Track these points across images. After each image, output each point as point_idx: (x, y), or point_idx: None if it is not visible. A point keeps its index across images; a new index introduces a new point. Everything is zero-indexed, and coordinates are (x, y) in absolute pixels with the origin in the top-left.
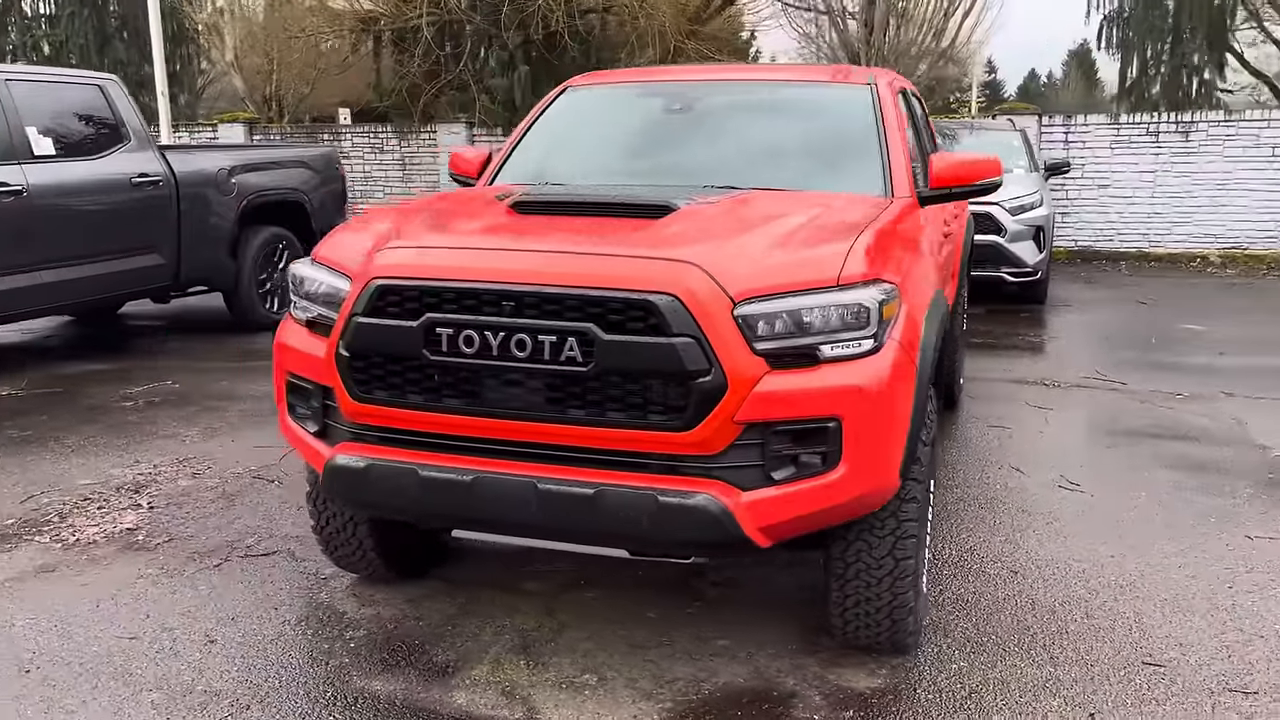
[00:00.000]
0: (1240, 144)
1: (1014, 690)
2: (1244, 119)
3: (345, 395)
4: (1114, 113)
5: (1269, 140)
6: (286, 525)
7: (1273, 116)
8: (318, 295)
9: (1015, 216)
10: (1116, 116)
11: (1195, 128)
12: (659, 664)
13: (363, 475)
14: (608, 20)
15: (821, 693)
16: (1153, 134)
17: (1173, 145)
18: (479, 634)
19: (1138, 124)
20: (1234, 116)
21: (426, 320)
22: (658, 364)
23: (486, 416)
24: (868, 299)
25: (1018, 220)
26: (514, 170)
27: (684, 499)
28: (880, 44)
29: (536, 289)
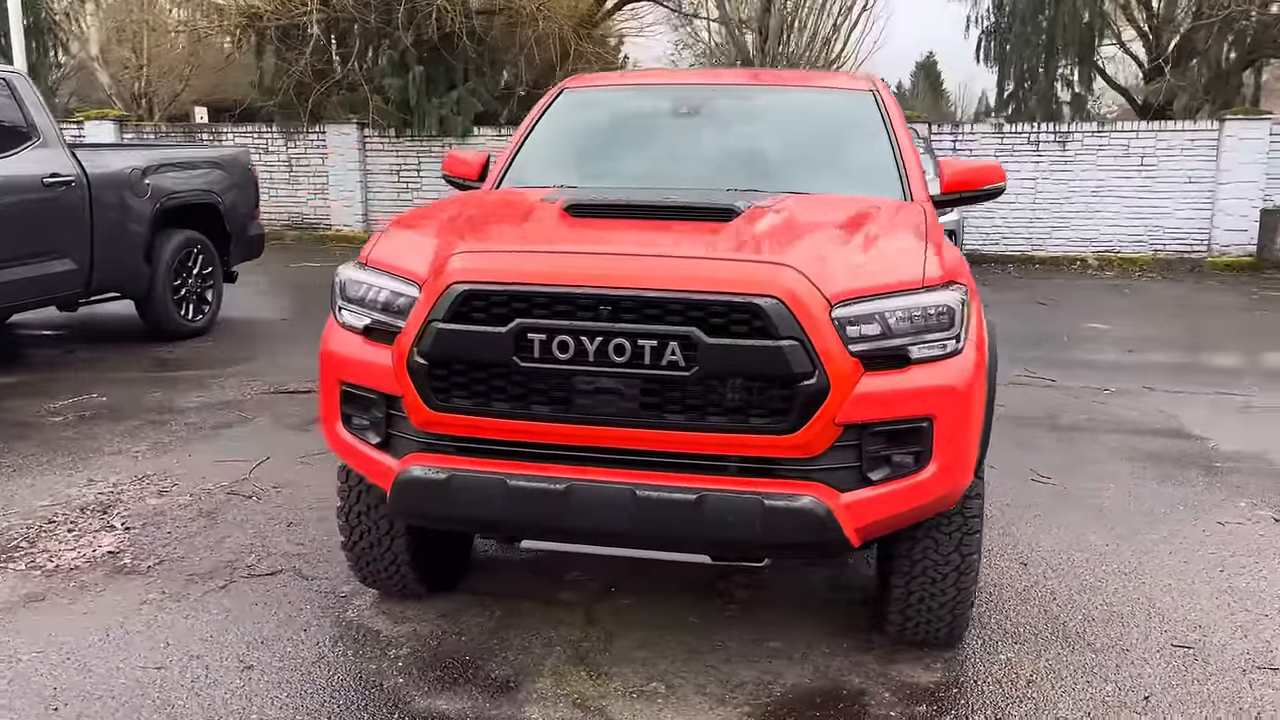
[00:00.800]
0: (1112, 153)
1: (1066, 678)
2: (1115, 130)
3: (419, 404)
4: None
5: (1137, 150)
6: (281, 542)
7: (1141, 128)
8: (375, 301)
9: None
10: (1000, 126)
11: (1071, 138)
12: (720, 668)
13: (443, 487)
14: (504, 21)
15: (889, 689)
16: (1033, 143)
17: (1051, 154)
18: (528, 646)
19: (1019, 133)
20: (1106, 127)
21: (517, 326)
22: (763, 367)
23: (577, 423)
24: (953, 300)
25: None
26: (522, 173)
27: (790, 502)
28: (774, 51)
29: (636, 293)
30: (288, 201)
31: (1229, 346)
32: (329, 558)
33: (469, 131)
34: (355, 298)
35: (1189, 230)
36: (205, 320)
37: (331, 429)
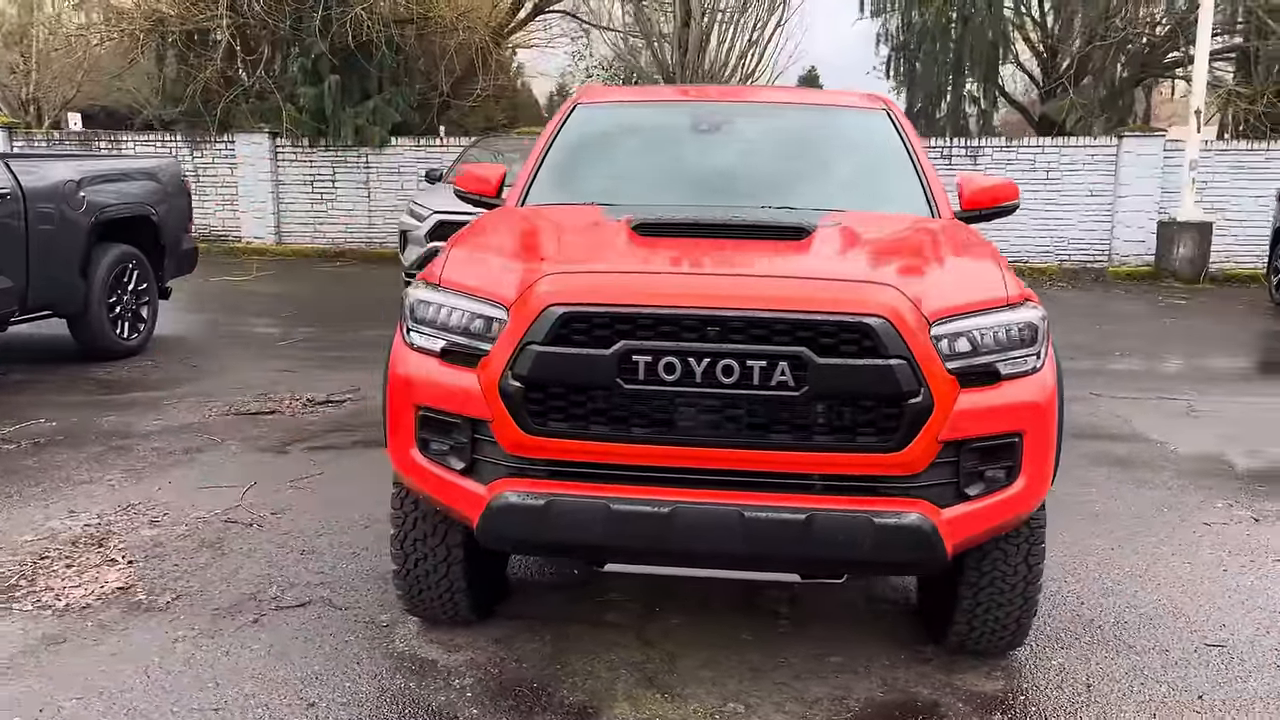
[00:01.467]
0: (1020, 167)
1: (1121, 681)
2: (1022, 145)
3: (512, 428)
4: None
5: (1043, 164)
6: (300, 572)
7: (1045, 143)
8: (454, 324)
9: None
10: None
11: (982, 152)
12: (791, 685)
13: (543, 513)
14: (419, 30)
15: (960, 699)
16: (946, 157)
17: (963, 168)
18: (592, 670)
19: (933, 147)
20: (1014, 142)
21: (622, 348)
22: (873, 386)
23: (679, 444)
24: (1035, 317)
25: None
26: (548, 189)
27: (899, 520)
28: (695, 65)
29: (744, 313)
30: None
31: (1154, 352)
32: (356, 586)
33: (386, 142)
34: (429, 320)
35: (1091, 241)
36: (140, 339)
37: (405, 454)
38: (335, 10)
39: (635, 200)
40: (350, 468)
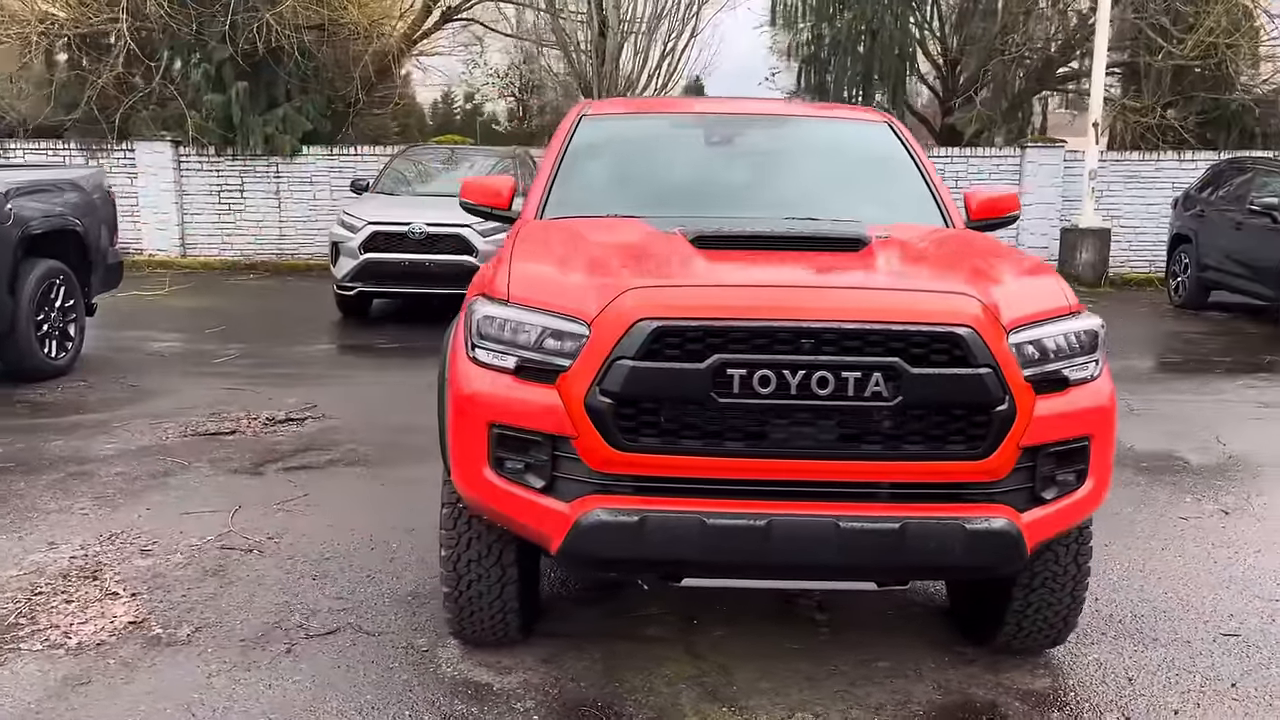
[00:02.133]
0: None
1: (1157, 672)
2: (932, 155)
3: (600, 444)
4: None
5: (952, 174)
6: (318, 598)
7: (954, 153)
8: (528, 340)
9: (487, 238)
10: None
11: None
12: (851, 692)
13: (636, 530)
14: (322, 37)
15: (1016, 698)
16: None
17: None
18: (652, 687)
19: None
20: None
21: (716, 361)
22: (964, 395)
23: (772, 457)
24: (1096, 324)
25: (489, 241)
26: (567, 202)
27: (989, 525)
28: (611, 75)
29: (837, 325)
30: None
31: None
32: (381, 610)
33: (298, 150)
34: (499, 336)
35: None
36: (68, 358)
37: (476, 474)
38: (242, 15)
39: (662, 213)
40: (334, 488)
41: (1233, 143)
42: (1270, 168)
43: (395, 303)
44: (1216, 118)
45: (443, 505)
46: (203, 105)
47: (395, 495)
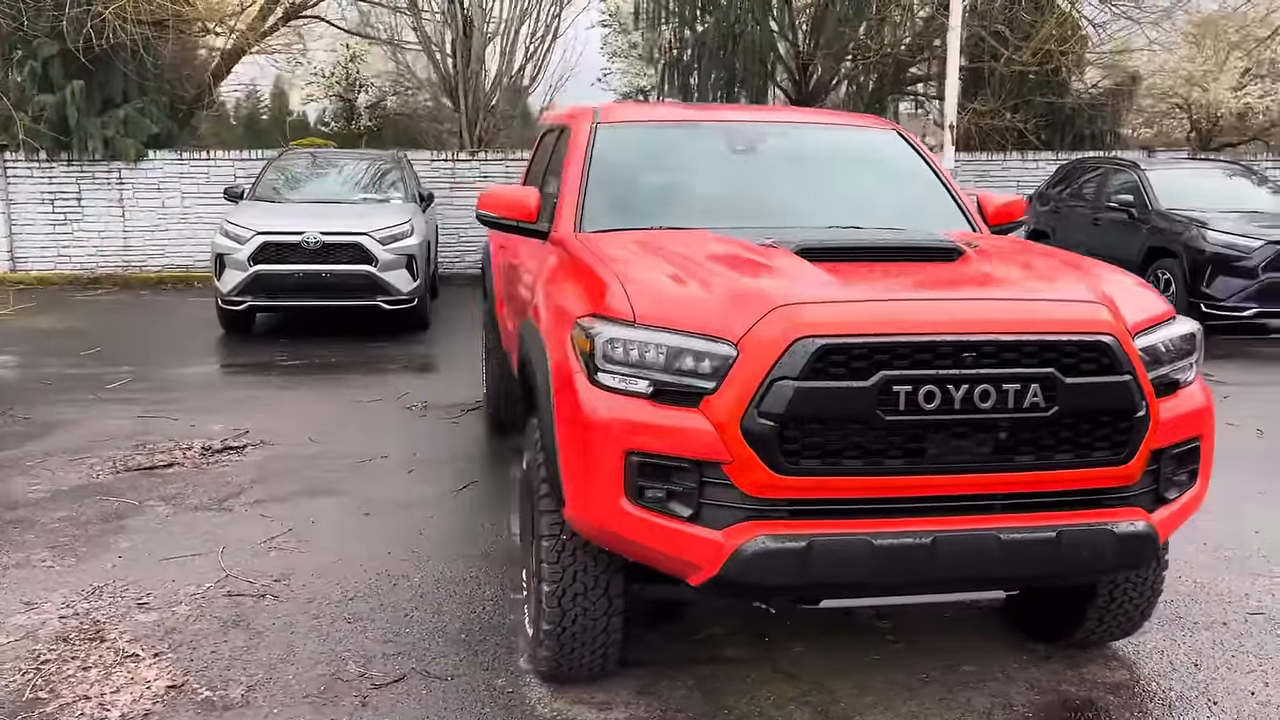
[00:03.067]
0: None
1: (1215, 654)
2: None
3: (759, 469)
4: None
5: None
6: (366, 643)
7: None
8: (663, 363)
9: (386, 246)
10: None
11: None
12: (952, 699)
13: (804, 555)
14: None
15: (1105, 691)
16: None
17: None
18: (762, 710)
19: None
20: None
21: (882, 378)
22: (1111, 402)
23: (931, 473)
24: (1195, 328)
25: (389, 250)
26: (605, 214)
27: (1134, 528)
28: (478, 76)
29: (994, 338)
30: None
31: None
32: (440, 651)
33: (143, 155)
34: (627, 360)
35: None
36: None
37: (611, 505)
38: (73, 10)
39: (716, 223)
40: (319, 521)
41: (1067, 143)
42: (1118, 166)
43: (278, 317)
44: (1053, 120)
45: (540, 538)
46: (31, 106)
47: (387, 524)
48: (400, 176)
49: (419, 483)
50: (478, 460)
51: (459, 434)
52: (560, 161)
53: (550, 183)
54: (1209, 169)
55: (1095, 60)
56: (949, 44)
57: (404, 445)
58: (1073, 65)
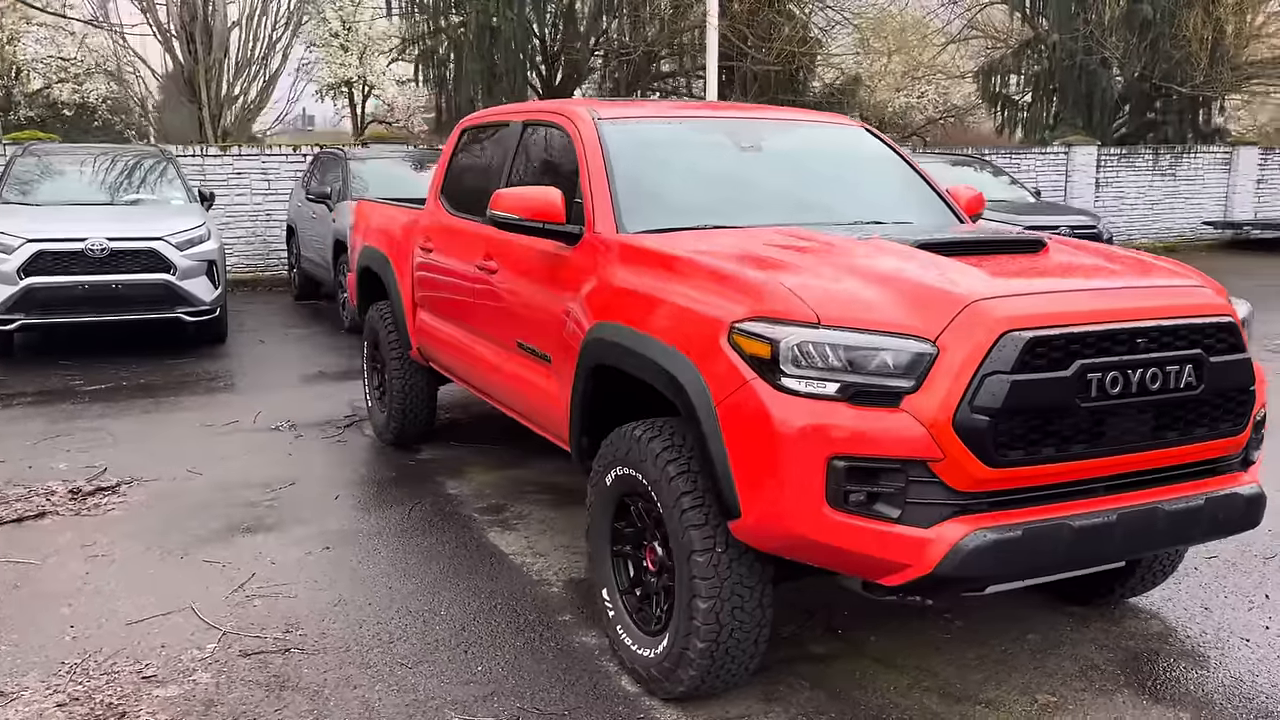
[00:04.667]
0: None
1: (1228, 596)
2: None
3: (972, 463)
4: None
5: None
6: (449, 689)
7: None
8: (856, 363)
9: (184, 252)
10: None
11: None
12: (1044, 666)
13: (1018, 544)
14: None
15: (1158, 642)
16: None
17: None
18: (896, 702)
19: None
20: None
21: (1079, 367)
22: (1239, 378)
23: (1106, 455)
24: (1249, 308)
25: (188, 256)
26: (646, 213)
27: (1254, 490)
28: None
29: (1159, 323)
30: None
31: None
32: (530, 684)
33: None
34: (815, 363)
35: None
36: None
37: (813, 514)
38: None
39: (761, 220)
40: (280, 562)
41: None
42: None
43: (37, 336)
44: None
45: (692, 554)
46: None
47: (361, 557)
48: (175, 174)
49: (357, 509)
50: (402, 480)
51: (354, 453)
52: (558, 161)
53: (519, 182)
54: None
55: (823, 61)
56: (708, 41)
57: (303, 470)
58: (809, 66)
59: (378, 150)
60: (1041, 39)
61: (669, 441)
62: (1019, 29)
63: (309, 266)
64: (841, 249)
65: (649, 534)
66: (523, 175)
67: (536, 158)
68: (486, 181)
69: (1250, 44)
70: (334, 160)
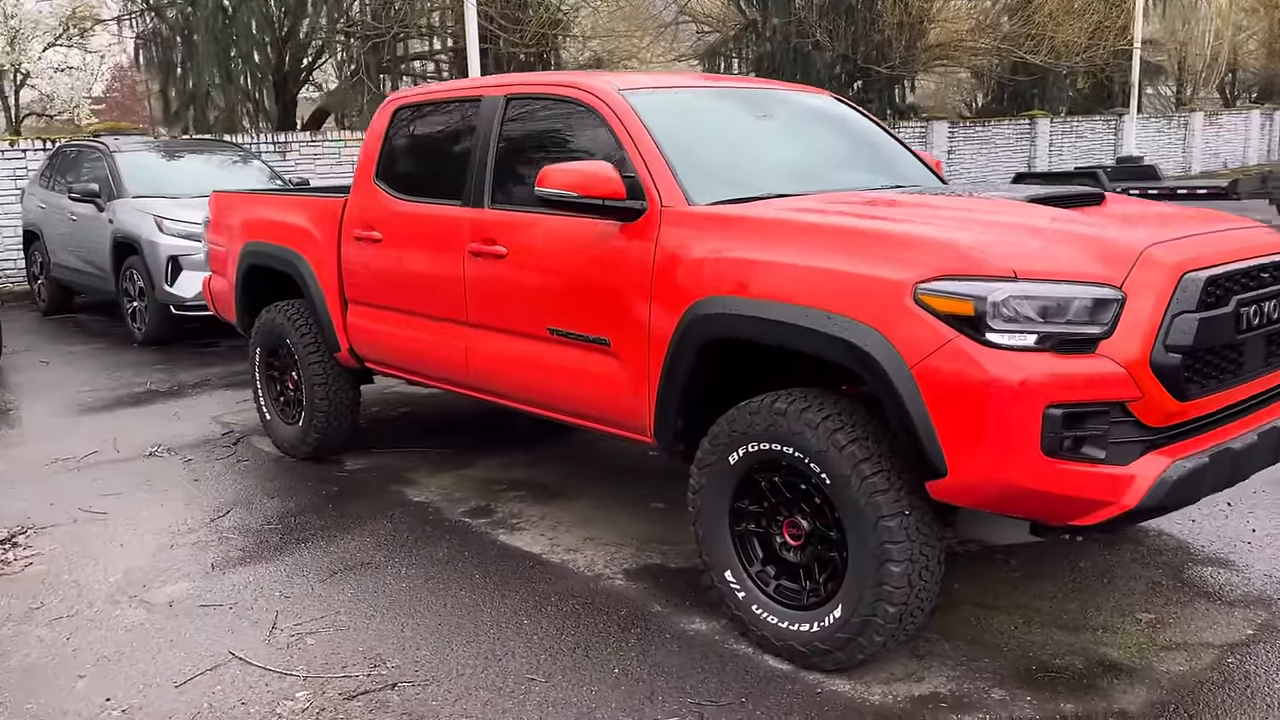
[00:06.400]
0: (327, 161)
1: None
2: (327, 140)
3: (1167, 400)
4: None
5: (348, 157)
6: (586, 696)
7: (349, 137)
8: (1054, 314)
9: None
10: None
11: (290, 148)
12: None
13: (1206, 471)
14: None
15: (1184, 558)
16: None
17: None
18: (1030, 641)
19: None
20: (318, 138)
21: (1236, 303)
22: None
23: (1247, 380)
24: None
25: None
26: (710, 182)
27: None
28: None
29: (1273, 259)
30: None
31: None
32: (696, 687)
33: None
34: (1019, 316)
35: None
36: None
37: (1029, 463)
38: None
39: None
40: (292, 598)
41: None
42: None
43: None
44: None
45: (880, 519)
46: None
47: (376, 577)
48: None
49: (329, 529)
50: (351, 495)
51: (269, 472)
52: (571, 136)
53: (514, 162)
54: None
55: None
56: (467, 20)
57: (226, 497)
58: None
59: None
60: (757, 24)
61: (830, 410)
62: (733, 14)
63: (66, 275)
64: (966, 206)
65: (786, 508)
66: (513, 153)
67: (535, 134)
68: (454, 162)
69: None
70: (86, 154)
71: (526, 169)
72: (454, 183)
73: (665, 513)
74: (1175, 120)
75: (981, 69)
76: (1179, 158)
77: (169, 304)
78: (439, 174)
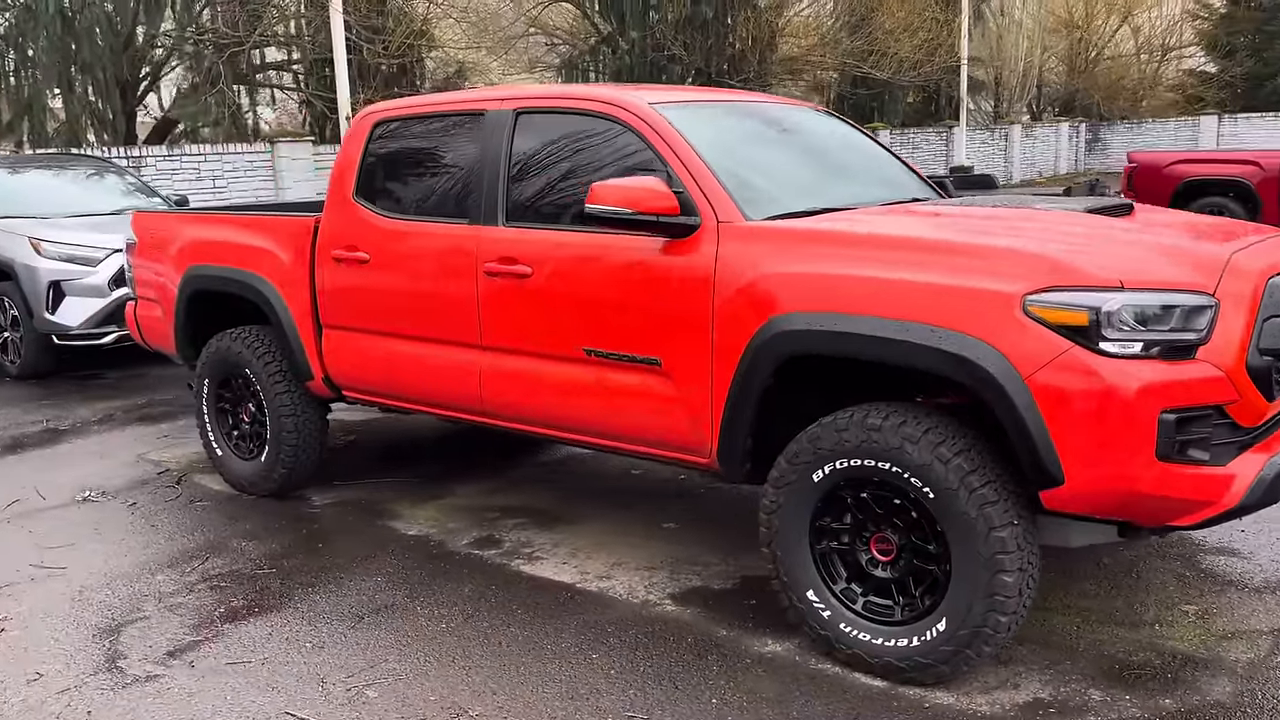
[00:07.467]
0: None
1: None
2: (186, 154)
3: (1258, 401)
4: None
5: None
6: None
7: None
8: (1158, 322)
9: None
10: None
11: (145, 162)
12: (1204, 592)
13: None
14: None
15: (1205, 550)
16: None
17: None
18: (1109, 642)
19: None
20: (176, 151)
21: None
22: None
23: None
24: None
25: None
26: (759, 197)
27: None
28: None
29: None
30: None
31: None
32: (779, 706)
33: None
34: (1129, 325)
35: None
36: None
37: (1145, 467)
38: None
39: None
40: (327, 643)
41: None
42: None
43: None
44: None
45: (992, 531)
46: None
47: (409, 620)
48: None
49: (328, 571)
50: (333, 533)
51: (231, 513)
52: (597, 153)
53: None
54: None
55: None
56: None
57: (195, 542)
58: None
59: None
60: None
61: (929, 424)
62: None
63: None
64: (1037, 218)
65: (874, 524)
66: (530, 169)
67: (555, 150)
68: (455, 178)
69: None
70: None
71: (547, 185)
72: (457, 200)
73: (680, 532)
74: (997, 132)
75: (826, 83)
76: (1001, 167)
77: (51, 333)
78: (436, 191)
